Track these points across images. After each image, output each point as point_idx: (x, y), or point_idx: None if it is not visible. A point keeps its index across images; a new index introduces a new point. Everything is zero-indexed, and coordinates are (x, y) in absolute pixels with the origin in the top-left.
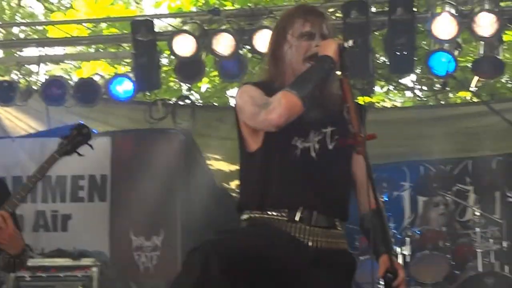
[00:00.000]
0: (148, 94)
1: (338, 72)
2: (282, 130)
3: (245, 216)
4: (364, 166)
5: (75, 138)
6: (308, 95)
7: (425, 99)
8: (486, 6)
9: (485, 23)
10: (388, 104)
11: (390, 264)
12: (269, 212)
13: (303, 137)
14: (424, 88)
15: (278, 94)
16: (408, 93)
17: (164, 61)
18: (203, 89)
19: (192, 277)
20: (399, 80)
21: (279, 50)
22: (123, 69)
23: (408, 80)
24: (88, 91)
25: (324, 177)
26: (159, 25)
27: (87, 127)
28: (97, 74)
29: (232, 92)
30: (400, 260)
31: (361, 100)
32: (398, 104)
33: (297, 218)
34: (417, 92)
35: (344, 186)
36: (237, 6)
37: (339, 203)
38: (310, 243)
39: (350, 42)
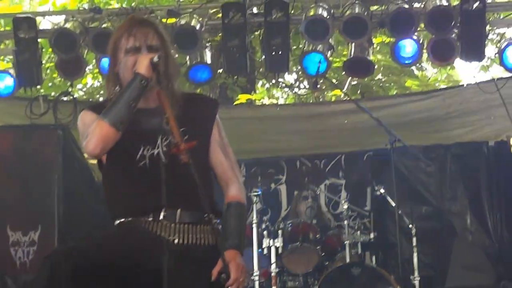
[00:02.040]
0: (31, 89)
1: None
2: (128, 141)
3: (116, 222)
4: (223, 160)
5: None
6: (120, 119)
7: (305, 96)
8: (357, 10)
9: (355, 26)
10: (269, 102)
11: (225, 264)
12: (135, 217)
13: (151, 144)
14: (306, 86)
15: (93, 123)
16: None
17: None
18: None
19: (39, 285)
20: (280, 79)
21: (114, 68)
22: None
23: (292, 78)
24: None
25: (179, 177)
26: (42, 22)
27: None
28: None
29: None
30: (273, 252)
31: (243, 97)
32: (281, 102)
33: (161, 217)
34: (302, 91)
35: (201, 185)
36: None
37: (200, 198)
38: (176, 240)
39: (156, 58)
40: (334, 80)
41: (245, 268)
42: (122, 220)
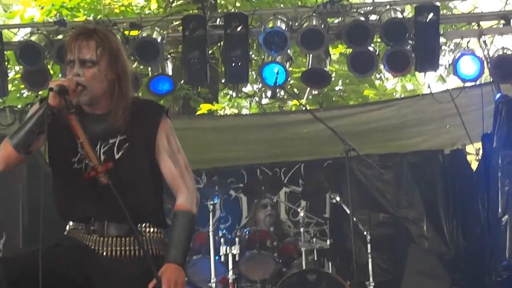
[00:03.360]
0: None
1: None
2: (63, 149)
3: (67, 228)
4: (172, 168)
5: None
6: (22, 143)
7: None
8: (314, 22)
9: (313, 38)
10: (230, 112)
11: (157, 279)
12: (73, 226)
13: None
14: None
15: (3, 141)
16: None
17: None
18: None
19: None
20: (243, 89)
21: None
22: None
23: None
24: None
25: (114, 186)
26: (9, 35)
27: None
28: None
29: None
30: (230, 259)
31: (204, 107)
32: (246, 112)
33: (91, 230)
34: (265, 101)
35: (139, 191)
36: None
37: (136, 210)
38: (104, 253)
39: (54, 87)
40: (295, 90)
41: (179, 281)
42: (68, 227)
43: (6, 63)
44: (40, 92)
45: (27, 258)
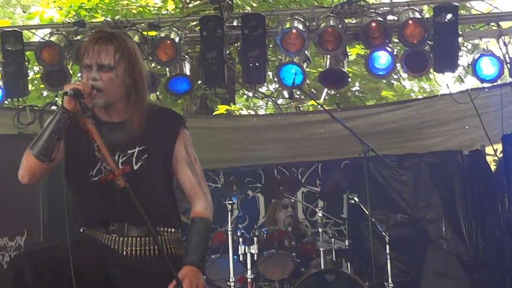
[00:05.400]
0: (19, 100)
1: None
2: (80, 154)
3: (81, 230)
4: (191, 177)
5: None
6: (43, 152)
7: (285, 106)
8: (331, 23)
9: (331, 38)
10: (247, 112)
11: (178, 281)
12: (92, 228)
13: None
14: (286, 96)
15: (24, 153)
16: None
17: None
18: None
19: (6, 285)
20: (259, 89)
21: None
22: None
23: (273, 89)
24: None
25: (134, 192)
26: (28, 35)
27: None
28: None
29: None
30: (248, 258)
31: (222, 108)
32: (262, 112)
33: (110, 231)
34: (281, 101)
35: (155, 198)
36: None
37: (151, 213)
38: (125, 253)
39: (69, 91)
40: (313, 90)
41: (200, 284)
42: (84, 228)
43: (26, 63)
44: (59, 92)
45: (51, 251)
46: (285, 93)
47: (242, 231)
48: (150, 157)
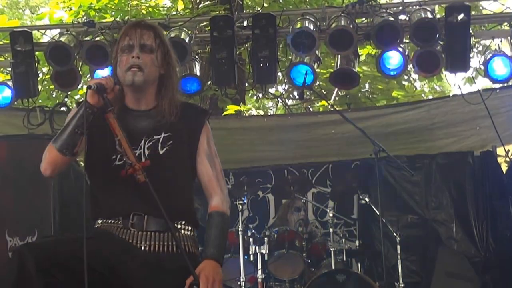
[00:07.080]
0: (28, 100)
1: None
2: (102, 147)
3: (95, 224)
4: (209, 170)
5: None
6: (66, 146)
7: (296, 107)
8: (342, 22)
9: (341, 38)
10: (257, 112)
11: (194, 275)
12: (109, 221)
13: (133, 146)
14: (296, 96)
15: (47, 146)
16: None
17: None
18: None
19: (11, 276)
20: (270, 90)
21: (115, 69)
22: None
23: (283, 89)
24: None
25: (155, 182)
26: (37, 36)
27: None
28: None
29: None
30: (259, 258)
31: (231, 108)
32: (272, 112)
33: (130, 225)
34: (292, 101)
35: (178, 190)
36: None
37: (173, 207)
38: (143, 247)
39: (93, 85)
40: (323, 91)
41: (216, 279)
42: (99, 222)
43: (36, 63)
44: (69, 92)
45: (57, 245)
46: (295, 94)
47: (253, 231)
48: (176, 144)
